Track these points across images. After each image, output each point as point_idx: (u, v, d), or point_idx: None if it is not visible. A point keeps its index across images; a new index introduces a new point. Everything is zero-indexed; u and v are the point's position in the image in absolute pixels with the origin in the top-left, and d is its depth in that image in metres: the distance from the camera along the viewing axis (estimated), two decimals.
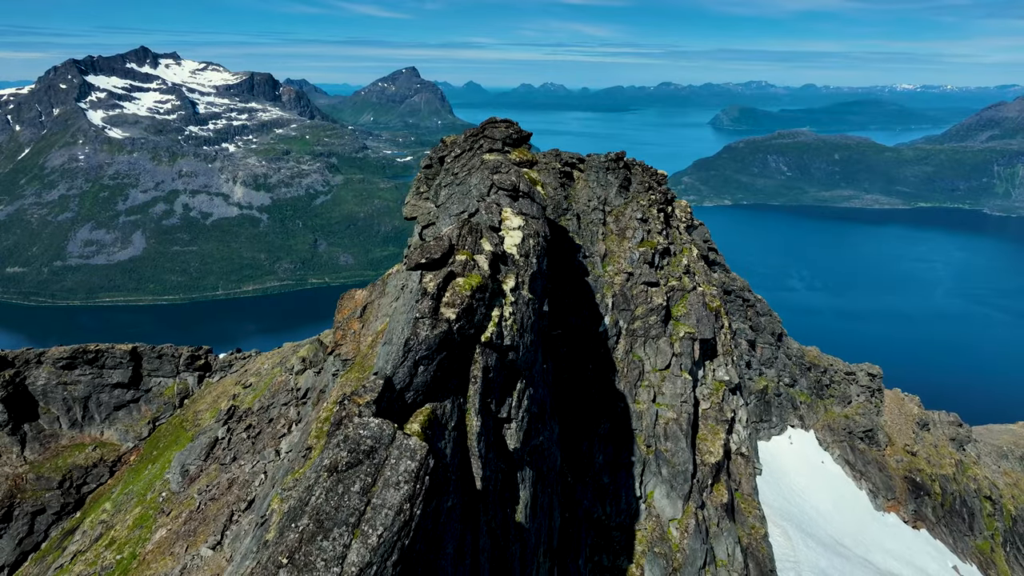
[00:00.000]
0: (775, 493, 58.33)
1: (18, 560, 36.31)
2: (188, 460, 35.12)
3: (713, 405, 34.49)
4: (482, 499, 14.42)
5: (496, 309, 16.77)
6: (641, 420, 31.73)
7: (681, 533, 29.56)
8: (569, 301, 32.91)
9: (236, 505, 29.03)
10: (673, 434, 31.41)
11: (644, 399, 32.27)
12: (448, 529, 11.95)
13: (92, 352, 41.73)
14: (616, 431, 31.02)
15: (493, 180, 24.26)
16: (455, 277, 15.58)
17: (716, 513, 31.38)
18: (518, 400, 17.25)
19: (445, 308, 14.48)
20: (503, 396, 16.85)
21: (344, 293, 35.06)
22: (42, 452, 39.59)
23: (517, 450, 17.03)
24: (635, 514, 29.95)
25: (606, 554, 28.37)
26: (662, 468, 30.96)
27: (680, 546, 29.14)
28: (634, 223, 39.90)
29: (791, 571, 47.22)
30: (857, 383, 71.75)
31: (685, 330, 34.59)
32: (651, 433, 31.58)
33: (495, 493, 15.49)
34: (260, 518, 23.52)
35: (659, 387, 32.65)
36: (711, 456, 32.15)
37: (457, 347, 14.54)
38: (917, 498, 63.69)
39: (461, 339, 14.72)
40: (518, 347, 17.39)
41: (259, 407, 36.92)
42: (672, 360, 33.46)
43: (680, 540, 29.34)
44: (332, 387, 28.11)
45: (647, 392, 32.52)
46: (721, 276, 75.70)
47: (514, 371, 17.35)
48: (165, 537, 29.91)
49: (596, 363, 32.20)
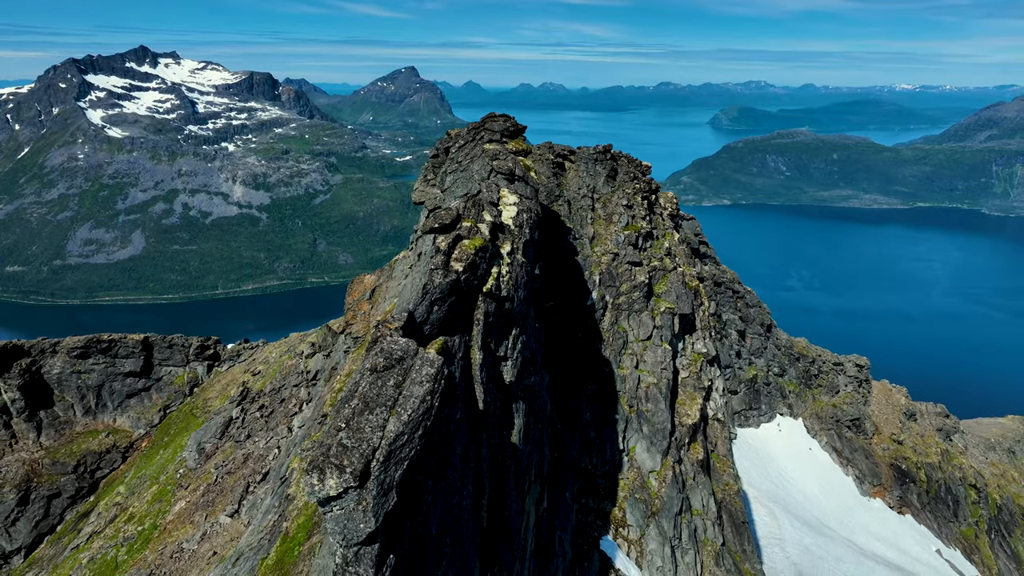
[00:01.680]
0: (763, 476, 59.42)
1: (35, 542, 37.56)
2: (204, 439, 36.47)
3: (692, 374, 37.43)
4: (483, 419, 17.55)
5: (495, 267, 20.22)
6: (625, 383, 34.90)
7: (660, 483, 32.60)
8: (561, 277, 35.84)
9: (251, 477, 30.36)
10: (653, 396, 34.44)
11: (627, 365, 35.35)
12: (457, 435, 14.96)
13: (105, 342, 42.95)
14: (602, 392, 34.02)
15: (492, 166, 27.76)
16: (462, 239, 19.00)
17: (692, 468, 34.55)
18: (513, 343, 20.80)
19: (454, 262, 17.74)
20: (501, 338, 20.29)
21: (354, 278, 36.60)
22: (57, 438, 40.75)
23: (512, 384, 20.44)
24: (618, 465, 33.43)
25: (592, 497, 31.55)
26: (643, 426, 33.96)
27: (659, 494, 32.43)
28: (620, 209, 42.33)
29: (776, 547, 48.39)
30: (845, 373, 72.75)
31: (665, 306, 37.28)
32: (633, 395, 34.69)
33: (494, 416, 18.75)
34: (280, 479, 24.90)
35: (641, 355, 35.76)
36: (688, 418, 35.06)
37: (463, 294, 17.59)
38: (902, 485, 64.68)
39: (467, 288, 17.82)
40: (513, 299, 20.87)
41: (271, 389, 38.12)
42: (653, 332, 36.40)
43: (659, 489, 32.58)
44: (344, 363, 29.24)
45: (630, 359, 35.60)
46: (711, 268, 76.71)
47: (510, 319, 20.81)
48: (184, 508, 31.20)
49: (584, 332, 35.20)
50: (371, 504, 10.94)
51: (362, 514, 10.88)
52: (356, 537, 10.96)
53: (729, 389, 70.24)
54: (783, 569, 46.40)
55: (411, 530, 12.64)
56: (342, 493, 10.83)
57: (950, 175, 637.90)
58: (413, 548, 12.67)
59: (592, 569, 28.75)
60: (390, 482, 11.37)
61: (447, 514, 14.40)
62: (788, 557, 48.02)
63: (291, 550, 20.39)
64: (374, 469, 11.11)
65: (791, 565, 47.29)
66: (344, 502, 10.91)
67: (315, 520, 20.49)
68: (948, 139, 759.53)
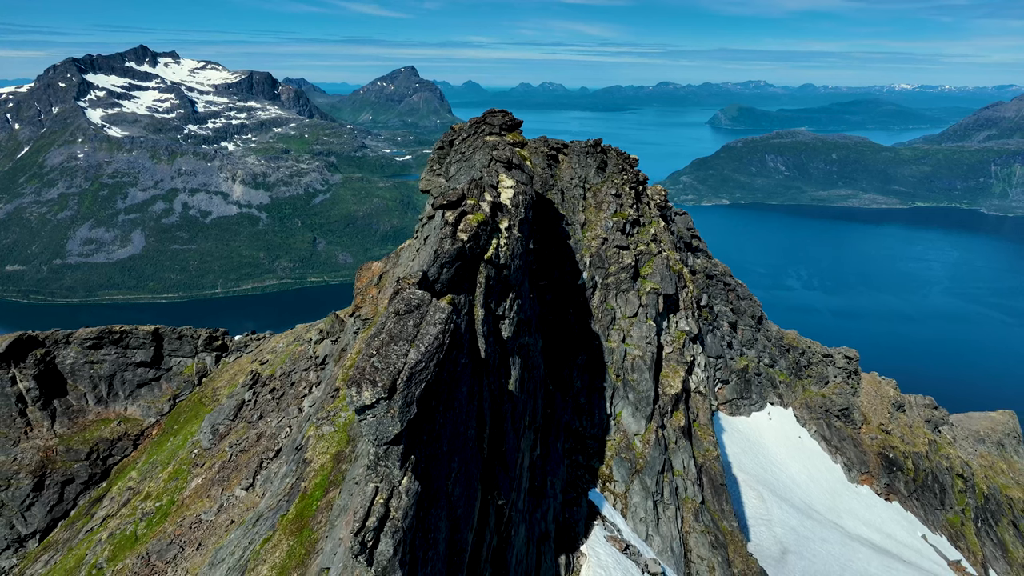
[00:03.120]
0: (752, 462, 60.46)
1: (49, 526, 38.79)
2: (218, 420, 37.57)
3: (675, 350, 40.41)
4: (484, 367, 20.55)
5: (495, 239, 23.26)
6: (612, 355, 37.80)
7: (644, 444, 35.76)
8: (555, 259, 38.88)
9: (265, 454, 31.49)
10: (638, 367, 37.32)
11: (615, 339, 38.34)
12: (463, 377, 17.89)
13: (117, 333, 44.08)
14: (591, 363, 36.95)
15: (492, 155, 30.92)
16: (466, 214, 22.01)
17: (675, 433, 37.48)
18: (510, 305, 24.06)
19: (460, 233, 20.87)
20: (499, 300, 23.45)
21: (362, 264, 38.28)
22: (70, 426, 41.77)
23: (509, 340, 23.62)
24: (606, 428, 36.40)
25: (582, 455, 34.82)
26: (629, 394, 36.95)
27: (643, 454, 35.42)
28: (609, 198, 44.44)
29: (763, 527, 49.55)
30: (834, 365, 73.69)
31: (651, 286, 40.14)
32: (620, 366, 37.65)
33: (494, 366, 21.88)
34: (296, 448, 26.48)
35: (628, 330, 38.72)
36: (671, 388, 38.12)
37: (468, 260, 20.63)
38: (890, 473, 65.61)
39: (470, 255, 20.89)
40: (510, 267, 24.10)
41: (281, 373, 39.26)
42: (639, 310, 39.31)
43: (643, 450, 35.56)
44: (354, 343, 30.45)
45: (618, 334, 38.56)
46: (703, 261, 77.67)
47: (507, 284, 24.01)
48: (200, 484, 32.31)
49: (576, 309, 38.19)
50: (397, 412, 13.98)
51: (390, 420, 13.94)
52: (385, 437, 14.04)
53: (721, 379, 71.20)
54: (769, 546, 47.55)
55: (426, 442, 15.64)
56: (375, 403, 13.82)
57: (949, 175, 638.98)
58: (428, 457, 15.71)
59: (581, 514, 31.37)
60: (412, 397, 14.42)
61: (455, 438, 17.44)
62: (775, 535, 49.14)
63: (309, 505, 21.73)
64: (399, 386, 14.10)
65: (777, 543, 48.39)
66: (376, 410, 13.87)
67: (331, 479, 22.00)
68: (947, 139, 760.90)
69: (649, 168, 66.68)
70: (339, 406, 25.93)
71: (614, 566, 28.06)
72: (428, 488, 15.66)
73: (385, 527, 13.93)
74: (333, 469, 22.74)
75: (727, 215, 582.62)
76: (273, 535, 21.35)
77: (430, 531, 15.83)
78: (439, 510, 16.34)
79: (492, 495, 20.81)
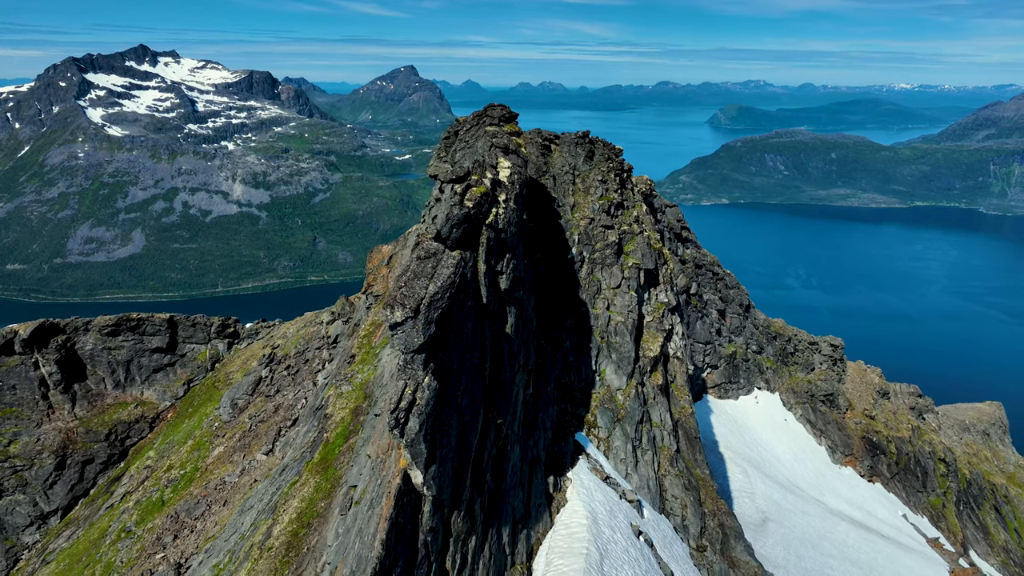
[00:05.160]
0: (739, 441, 61.98)
1: (70, 504, 40.89)
2: (236, 396, 39.58)
3: (655, 319, 44.73)
4: (486, 311, 25.32)
5: (494, 208, 27.78)
6: (598, 320, 42.14)
7: (625, 398, 40.13)
8: (547, 236, 43.61)
9: (283, 424, 33.48)
10: (620, 331, 41.73)
11: (600, 307, 42.85)
12: (468, 315, 22.69)
13: (134, 320, 46.22)
14: (579, 326, 41.62)
15: (492, 141, 35.74)
16: (471, 187, 26.56)
17: (653, 391, 41.67)
18: (507, 264, 28.71)
19: (467, 201, 25.33)
20: (498, 258, 28.00)
21: (373, 248, 40.69)
22: (90, 409, 43.72)
23: (507, 291, 28.24)
24: (592, 383, 41.03)
25: (570, 404, 39.17)
26: (612, 354, 41.44)
27: (624, 405, 39.78)
28: (595, 183, 48.66)
29: (746, 498, 51.20)
30: (820, 352, 75.07)
31: (633, 261, 44.32)
32: (605, 329, 41.98)
33: (494, 312, 26.49)
34: (315, 408, 28.84)
35: (612, 299, 43.13)
36: (651, 352, 42.39)
37: (472, 223, 25.24)
38: (873, 456, 66.92)
39: (475, 219, 25.46)
40: (507, 232, 28.74)
41: (295, 352, 41.07)
42: (622, 282, 43.73)
43: (624, 402, 39.96)
44: (366, 318, 32.52)
45: (603, 302, 43.02)
46: (693, 252, 79.08)
47: (505, 246, 28.61)
48: (223, 452, 34.25)
49: (565, 279, 42.68)
50: (420, 328, 19.02)
51: (415, 333, 18.98)
52: (412, 347, 19.04)
53: (710, 364, 72.65)
54: (751, 516, 49.16)
55: (441, 357, 20.39)
56: (404, 320, 18.87)
57: (948, 174, 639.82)
58: (442, 370, 20.34)
59: (568, 448, 35.69)
60: (431, 319, 19.40)
61: (463, 360, 22.28)
62: (757, 506, 50.69)
63: (332, 451, 23.95)
64: (422, 309, 19.09)
65: (758, 512, 49.93)
66: (405, 326, 18.98)
67: (350, 429, 24.34)
68: (946, 138, 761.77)
69: (649, 168, 67.48)
70: (356, 369, 27.90)
71: (595, 489, 32.05)
72: (443, 391, 20.30)
73: (413, 410, 18.75)
74: (352, 421, 24.71)
75: (726, 214, 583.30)
76: (300, 478, 23.37)
77: (445, 424, 20.47)
78: (451, 411, 21.08)
79: (492, 414, 25.58)
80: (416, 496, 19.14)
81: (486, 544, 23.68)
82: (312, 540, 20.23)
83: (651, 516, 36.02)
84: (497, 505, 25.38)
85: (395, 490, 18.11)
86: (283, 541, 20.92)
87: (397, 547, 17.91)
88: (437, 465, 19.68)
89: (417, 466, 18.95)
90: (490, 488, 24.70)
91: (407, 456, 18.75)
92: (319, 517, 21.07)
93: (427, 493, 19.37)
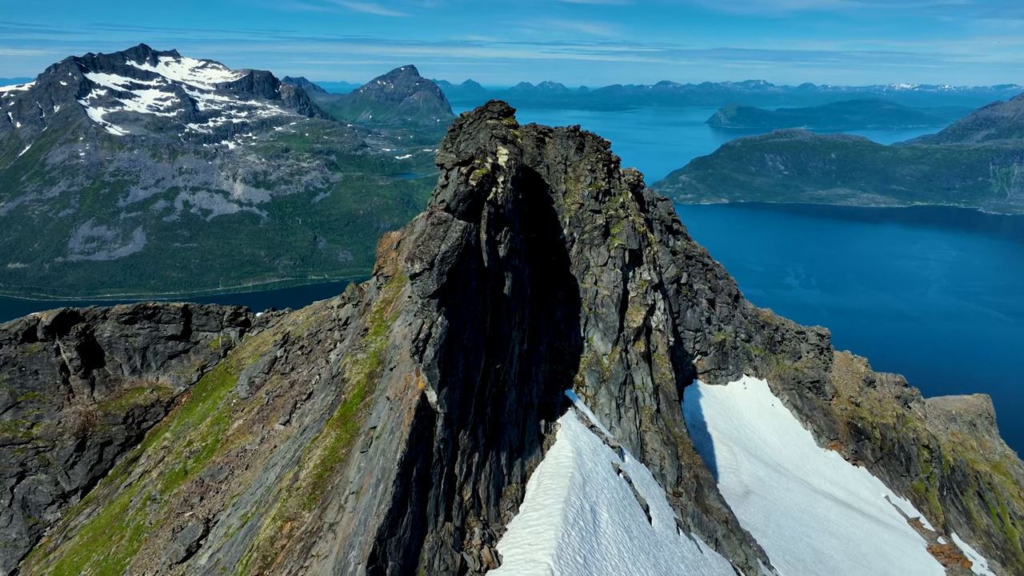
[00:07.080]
0: (727, 423, 63.62)
1: (90, 483, 43.03)
2: (253, 374, 41.88)
3: (639, 295, 48.94)
4: (487, 273, 29.57)
5: (494, 188, 32.25)
6: (586, 293, 46.55)
7: (610, 362, 44.34)
8: (541, 219, 47.64)
9: (299, 397, 35.35)
10: (606, 303, 46.05)
11: (588, 282, 47.23)
12: (472, 275, 27.28)
13: (150, 309, 48.65)
14: (569, 298, 45.82)
15: (492, 133, 40.95)
16: (475, 169, 30.57)
17: (636, 357, 46.13)
18: (505, 234, 33.13)
19: (471, 180, 29.44)
20: (498, 229, 32.35)
21: (382, 234, 42.85)
22: (108, 393, 45.80)
23: (504, 259, 32.57)
24: (580, 348, 45.32)
25: (560, 365, 43.07)
26: (599, 323, 45.63)
27: (609, 368, 43.96)
28: (585, 173, 52.58)
29: (731, 474, 52.95)
30: (807, 341, 76.57)
31: (618, 242, 48.47)
32: (592, 302, 46.31)
33: (493, 275, 30.74)
34: (333, 375, 31.09)
35: (599, 276, 47.41)
36: (634, 323, 46.96)
37: (476, 199, 29.50)
38: (858, 441, 68.35)
39: (478, 195, 29.72)
40: (505, 208, 33.27)
41: (308, 334, 43.11)
42: (608, 260, 47.92)
43: (609, 365, 44.14)
44: (377, 296, 34.51)
45: (591, 278, 47.27)
46: (683, 243, 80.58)
47: (503, 220, 33.15)
48: (242, 424, 36.39)
49: (557, 257, 46.88)
50: (435, 278, 23.67)
51: (431, 281, 23.62)
52: (428, 292, 23.70)
53: (700, 351, 74.24)
54: (735, 489, 50.91)
55: (451, 304, 24.82)
56: (422, 272, 23.53)
57: (947, 174, 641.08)
58: (451, 315, 24.67)
59: (558, 400, 39.95)
60: (443, 271, 23.94)
61: (468, 310, 26.70)
62: (741, 481, 52.38)
63: (351, 408, 25.89)
64: (436, 262, 23.68)
65: (742, 486, 51.60)
66: (422, 277, 23.61)
67: (366, 390, 26.61)
68: (946, 138, 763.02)
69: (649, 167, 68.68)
70: (369, 340, 29.72)
71: (582, 434, 36.20)
72: (452, 331, 24.54)
73: (429, 340, 23.22)
74: (367, 383, 26.54)
75: (726, 214, 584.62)
76: (321, 433, 25.51)
77: (454, 357, 24.78)
78: (458, 348, 25.32)
79: (492, 359, 29.84)
80: (431, 412, 23.18)
81: (487, 462, 27.64)
82: (336, 479, 22.54)
83: (631, 461, 39.75)
84: (496, 434, 29.27)
85: (415, 405, 22.08)
86: (309, 483, 23.08)
87: (417, 447, 21.87)
88: (448, 389, 23.88)
89: (432, 387, 23.08)
90: (490, 420, 28.83)
91: (424, 378, 22.96)
92: (341, 461, 23.30)
93: (440, 410, 23.45)
